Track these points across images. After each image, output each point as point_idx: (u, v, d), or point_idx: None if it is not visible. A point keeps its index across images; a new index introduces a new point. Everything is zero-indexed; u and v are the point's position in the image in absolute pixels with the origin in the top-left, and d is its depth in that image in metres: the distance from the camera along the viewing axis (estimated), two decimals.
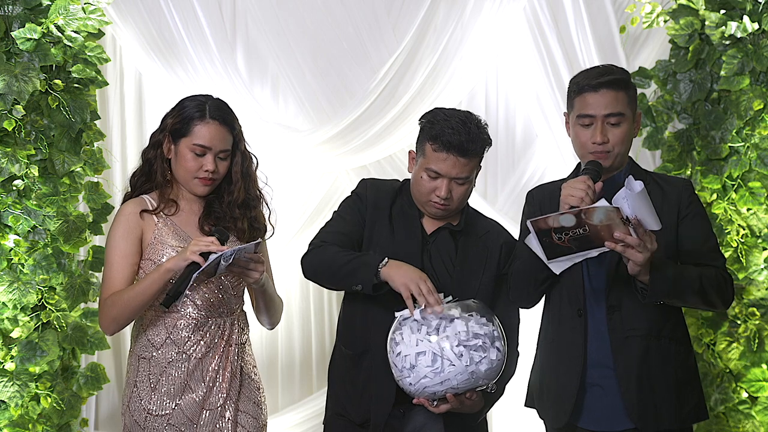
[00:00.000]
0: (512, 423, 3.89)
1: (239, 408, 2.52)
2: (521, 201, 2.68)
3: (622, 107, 2.38)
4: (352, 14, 3.97)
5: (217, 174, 2.49)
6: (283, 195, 3.96)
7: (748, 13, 3.39)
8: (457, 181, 2.40)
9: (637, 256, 2.17)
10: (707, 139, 3.51)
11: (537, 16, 3.93)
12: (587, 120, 2.39)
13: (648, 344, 2.37)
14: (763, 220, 3.38)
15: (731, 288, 2.41)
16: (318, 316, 4.17)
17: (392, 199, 2.51)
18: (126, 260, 2.46)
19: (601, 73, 2.40)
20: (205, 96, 2.55)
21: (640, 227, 2.15)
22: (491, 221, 2.60)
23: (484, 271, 2.47)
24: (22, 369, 3.20)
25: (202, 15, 3.85)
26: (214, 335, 2.49)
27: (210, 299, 2.48)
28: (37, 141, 3.25)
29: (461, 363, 2.21)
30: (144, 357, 2.49)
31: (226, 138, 2.49)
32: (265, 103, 4.00)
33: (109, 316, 2.44)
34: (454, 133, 2.35)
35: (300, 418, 4.06)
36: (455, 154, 2.36)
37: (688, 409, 2.41)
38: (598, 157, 2.39)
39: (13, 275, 3.18)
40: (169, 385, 2.46)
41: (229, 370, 2.49)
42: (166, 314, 2.47)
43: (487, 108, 4.12)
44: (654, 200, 2.38)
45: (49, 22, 3.21)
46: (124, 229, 2.47)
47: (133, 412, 2.47)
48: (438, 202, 2.41)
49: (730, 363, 3.41)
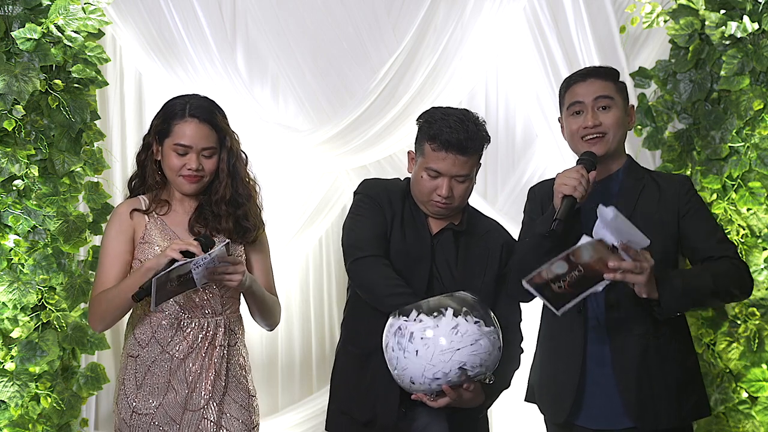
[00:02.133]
0: (512, 418, 3.90)
1: (224, 410, 2.49)
2: (521, 201, 2.69)
3: (610, 92, 2.42)
4: (352, 14, 3.97)
5: (203, 171, 2.48)
6: (283, 195, 3.96)
7: (748, 13, 3.39)
8: (458, 179, 2.41)
9: (637, 278, 2.18)
10: (707, 139, 3.51)
11: (537, 16, 3.93)
12: (577, 107, 2.42)
13: (647, 343, 2.37)
14: (763, 220, 3.38)
15: (747, 274, 2.38)
16: (318, 316, 4.16)
17: (403, 201, 2.51)
18: (117, 259, 2.47)
19: (589, 69, 2.49)
20: (190, 95, 2.55)
21: (630, 249, 2.15)
22: (491, 221, 2.61)
23: (486, 271, 2.48)
24: (22, 369, 3.20)
25: (202, 15, 3.85)
26: (197, 336, 2.48)
27: (193, 299, 2.48)
28: (37, 141, 3.25)
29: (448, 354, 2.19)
30: (132, 355, 2.49)
31: (207, 135, 2.48)
32: (265, 103, 4.00)
33: (96, 313, 2.46)
34: (452, 132, 2.36)
35: (300, 418, 4.06)
36: (454, 152, 2.37)
37: (687, 407, 2.40)
38: (592, 143, 2.40)
39: (13, 275, 3.18)
40: (153, 385, 2.46)
41: (213, 371, 2.47)
42: (153, 313, 2.47)
43: (487, 108, 4.13)
44: (651, 197, 2.39)
45: (49, 22, 3.21)
46: (116, 228, 2.49)
47: (121, 410, 2.48)
48: (439, 201, 2.42)
49: (730, 363, 3.41)
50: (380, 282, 2.38)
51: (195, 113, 2.48)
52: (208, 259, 2.30)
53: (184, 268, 2.29)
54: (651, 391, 2.36)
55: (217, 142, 2.51)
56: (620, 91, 2.46)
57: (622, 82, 2.49)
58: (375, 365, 2.41)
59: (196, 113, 2.48)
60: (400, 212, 2.49)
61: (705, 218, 2.43)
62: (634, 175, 2.45)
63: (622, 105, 2.44)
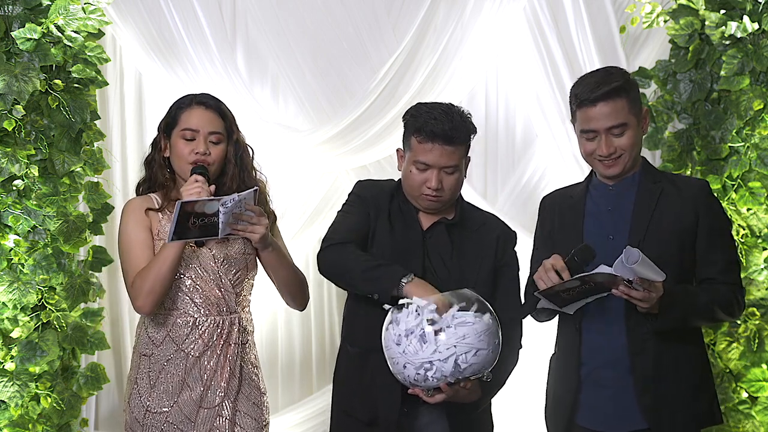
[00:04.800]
0: (513, 418, 3.90)
1: (238, 408, 2.51)
2: (521, 201, 2.69)
3: (623, 116, 2.33)
4: (352, 14, 3.97)
5: (210, 157, 2.49)
6: (284, 195, 3.96)
7: (748, 13, 3.39)
8: (446, 170, 2.40)
9: (642, 305, 2.23)
10: (707, 139, 3.51)
11: (537, 16, 3.93)
12: (591, 134, 2.37)
13: (663, 346, 2.35)
14: (763, 220, 3.38)
15: (741, 305, 2.41)
16: (318, 316, 4.17)
17: (390, 197, 2.51)
18: (144, 244, 2.47)
19: (598, 84, 2.34)
20: (196, 93, 2.59)
21: (644, 282, 2.19)
22: (486, 213, 2.60)
23: (481, 264, 2.47)
24: (22, 369, 3.20)
25: (202, 15, 3.85)
26: (213, 334, 2.49)
27: (209, 297, 2.49)
28: (37, 141, 3.25)
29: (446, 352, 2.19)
30: (145, 354, 2.50)
31: (214, 121, 2.51)
32: (265, 103, 4.00)
33: (143, 290, 2.42)
34: (437, 123, 2.36)
35: (300, 418, 4.06)
36: (441, 143, 2.37)
37: (701, 412, 2.40)
38: (607, 166, 2.37)
39: (13, 275, 3.18)
40: (168, 383, 2.47)
41: (228, 369, 2.49)
42: (167, 312, 2.48)
43: (487, 108, 4.13)
44: (669, 204, 2.37)
45: (49, 22, 3.21)
46: (134, 220, 2.50)
47: (133, 408, 2.48)
48: (430, 195, 2.42)
49: (730, 363, 3.41)
50: (351, 259, 2.37)
51: (201, 100, 2.54)
52: (236, 199, 2.31)
53: (212, 206, 2.29)
54: (667, 394, 2.35)
55: (224, 129, 2.53)
56: (633, 106, 2.36)
57: (636, 89, 2.40)
58: (374, 364, 2.40)
59: (201, 100, 2.54)
60: (387, 208, 2.49)
61: (720, 237, 2.40)
62: (651, 179, 2.42)
63: (636, 121, 2.36)
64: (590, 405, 2.41)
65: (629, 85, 2.37)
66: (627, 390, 2.36)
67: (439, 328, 2.19)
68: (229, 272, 2.51)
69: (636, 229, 2.36)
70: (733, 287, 2.39)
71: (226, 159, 2.54)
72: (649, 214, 2.36)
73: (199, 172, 2.43)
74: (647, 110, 2.44)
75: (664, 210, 2.38)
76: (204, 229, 2.33)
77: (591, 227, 2.42)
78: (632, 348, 2.36)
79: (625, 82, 2.36)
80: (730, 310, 2.38)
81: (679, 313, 2.29)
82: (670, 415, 2.35)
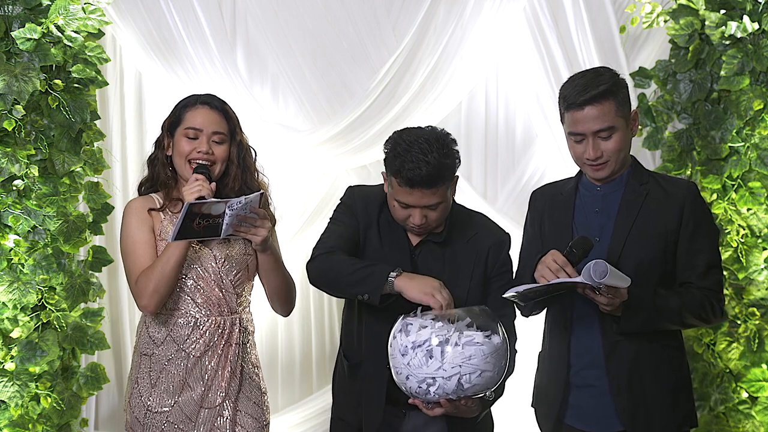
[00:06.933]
0: (516, 421, 3.90)
1: (238, 408, 2.52)
2: (521, 201, 2.69)
3: (610, 119, 2.32)
4: (352, 14, 3.97)
5: (213, 157, 2.50)
6: (283, 195, 3.96)
7: (748, 13, 3.39)
8: (430, 207, 2.34)
9: (605, 308, 2.29)
10: (707, 139, 3.51)
11: (537, 16, 3.93)
12: (578, 137, 2.37)
13: (639, 348, 2.36)
14: (763, 220, 3.38)
15: (716, 311, 2.39)
16: (318, 317, 4.17)
17: (380, 208, 2.47)
18: (147, 244, 2.48)
19: (586, 87, 2.32)
20: (201, 93, 2.60)
21: (610, 289, 2.23)
22: (479, 220, 2.54)
23: (473, 276, 2.43)
24: (22, 369, 3.20)
25: (202, 15, 3.85)
26: (214, 334, 2.50)
27: (210, 298, 2.49)
28: (37, 141, 3.25)
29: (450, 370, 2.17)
30: (146, 354, 2.51)
31: (218, 121, 2.52)
32: (265, 103, 4.00)
33: (148, 289, 2.43)
34: (415, 168, 2.25)
35: (300, 418, 4.06)
36: (420, 188, 2.29)
37: (680, 415, 2.41)
38: (596, 169, 2.38)
39: (13, 275, 3.18)
40: (169, 383, 2.48)
41: (229, 369, 2.50)
42: (168, 312, 2.49)
43: (487, 108, 4.13)
44: (654, 208, 2.38)
45: (49, 22, 3.21)
46: (137, 220, 2.51)
47: (134, 408, 2.49)
48: (414, 228, 2.38)
49: (730, 363, 3.41)
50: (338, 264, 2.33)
51: (205, 100, 2.56)
52: (243, 202, 2.32)
53: (219, 207, 2.31)
54: (643, 395, 2.36)
55: (227, 130, 2.54)
56: (620, 109, 2.34)
57: (624, 90, 2.37)
58: (363, 374, 2.44)
59: (206, 100, 2.56)
60: (376, 220, 2.45)
61: (703, 240, 2.39)
62: (638, 179, 2.42)
63: (624, 123, 2.35)
64: (577, 405, 2.43)
65: (617, 87, 2.35)
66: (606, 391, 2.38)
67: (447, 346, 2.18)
68: (230, 273, 2.51)
69: (619, 231, 2.37)
70: (710, 293, 2.38)
71: (228, 160, 2.55)
72: (634, 216, 2.37)
73: (200, 171, 2.44)
74: (636, 111, 2.43)
75: (649, 212, 2.38)
76: (206, 229, 2.34)
77: (580, 229, 2.43)
78: (606, 349, 2.38)
79: (613, 84, 2.34)
80: (703, 316, 2.37)
81: (642, 318, 2.31)
82: (646, 417, 2.36)
